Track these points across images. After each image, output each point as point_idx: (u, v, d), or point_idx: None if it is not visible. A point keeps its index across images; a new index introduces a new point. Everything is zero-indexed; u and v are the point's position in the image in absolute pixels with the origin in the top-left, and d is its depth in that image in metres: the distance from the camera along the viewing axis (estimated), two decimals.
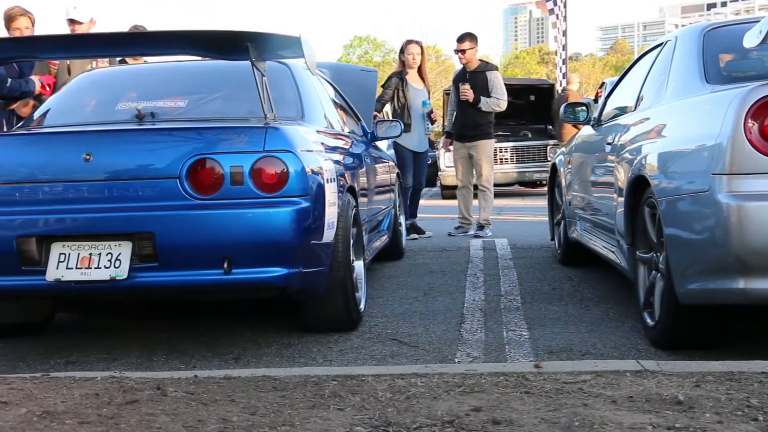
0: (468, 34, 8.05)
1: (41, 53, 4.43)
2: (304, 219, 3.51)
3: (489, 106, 7.83)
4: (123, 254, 3.45)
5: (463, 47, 7.93)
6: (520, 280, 5.44)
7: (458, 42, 7.99)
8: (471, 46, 7.93)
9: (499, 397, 2.42)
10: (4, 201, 3.54)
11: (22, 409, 2.07)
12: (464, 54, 7.93)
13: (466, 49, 7.91)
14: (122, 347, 3.94)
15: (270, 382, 2.64)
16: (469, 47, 7.91)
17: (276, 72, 4.25)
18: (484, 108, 7.82)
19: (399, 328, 4.18)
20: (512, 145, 13.86)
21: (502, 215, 10.28)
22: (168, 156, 3.53)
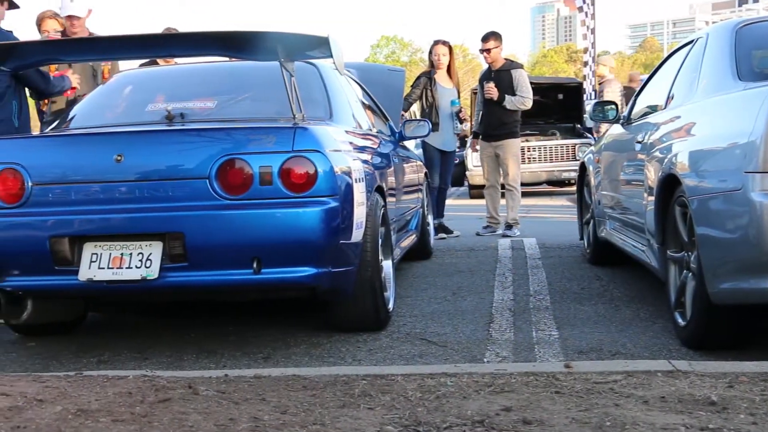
0: (492, 33, 8.03)
1: (74, 55, 4.48)
2: (332, 219, 3.52)
3: (514, 104, 7.80)
4: (154, 254, 3.48)
5: (487, 46, 7.91)
6: (548, 280, 5.41)
7: (483, 41, 7.98)
8: (496, 45, 7.91)
9: (529, 396, 2.41)
10: (38, 201, 3.59)
11: (57, 407, 2.09)
12: (489, 53, 7.91)
13: (490, 48, 7.89)
14: (153, 346, 3.97)
15: (300, 382, 2.65)
16: (493, 46, 7.89)
17: (304, 72, 4.26)
18: (509, 106, 7.79)
19: (427, 327, 4.18)
20: (540, 144, 13.80)
21: (531, 214, 10.23)
22: (197, 156, 3.55)
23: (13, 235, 3.60)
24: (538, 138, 13.94)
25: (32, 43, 4.26)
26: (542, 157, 13.74)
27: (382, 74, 7.30)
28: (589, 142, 13.15)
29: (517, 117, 7.96)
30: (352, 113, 4.75)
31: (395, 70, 7.75)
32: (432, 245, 6.92)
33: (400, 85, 7.29)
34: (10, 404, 2.09)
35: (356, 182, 3.78)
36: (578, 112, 14.55)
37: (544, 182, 14.54)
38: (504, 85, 7.80)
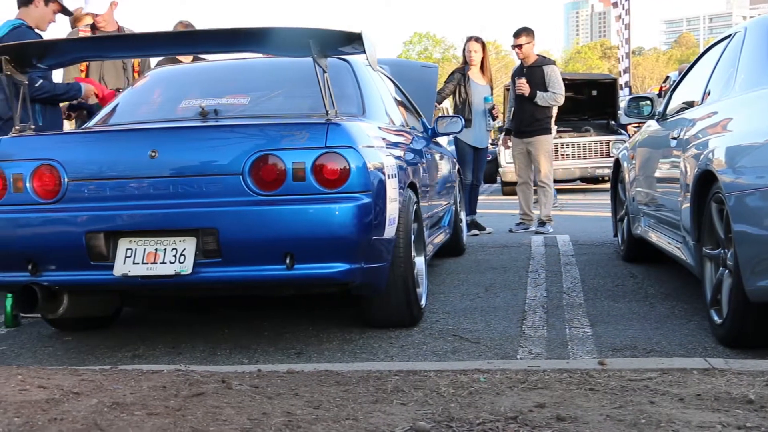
0: (524, 28, 7.98)
1: (104, 52, 4.51)
2: (365, 215, 3.52)
3: (546, 100, 7.75)
4: (187, 250, 3.50)
5: (519, 42, 7.87)
6: (582, 277, 5.37)
7: (515, 37, 7.94)
8: (528, 41, 7.86)
9: (563, 393, 2.39)
10: (74, 197, 3.63)
11: (93, 400, 2.11)
12: (521, 49, 7.87)
13: (522, 44, 7.85)
14: (187, 341, 4.00)
15: (333, 377, 2.66)
16: (525, 42, 7.85)
17: (337, 68, 4.27)
18: (540, 102, 7.74)
19: (460, 324, 4.17)
20: (574, 140, 13.69)
21: (564, 211, 10.17)
22: (231, 152, 3.57)
23: (50, 230, 3.65)
24: (571, 134, 13.84)
25: (62, 41, 4.30)
26: (576, 154, 13.63)
27: (415, 70, 7.28)
28: (623, 138, 13.03)
29: (549, 113, 7.91)
30: (385, 109, 4.74)
31: (428, 66, 7.73)
32: (464, 242, 6.90)
33: (433, 81, 7.27)
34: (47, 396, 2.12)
35: (389, 178, 3.77)
36: (612, 108, 14.41)
37: (578, 179, 14.43)
38: (536, 81, 7.75)
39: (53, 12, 5.39)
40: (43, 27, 5.37)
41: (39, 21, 5.32)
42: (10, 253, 3.66)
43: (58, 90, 5.28)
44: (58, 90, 5.28)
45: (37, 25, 5.30)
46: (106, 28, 5.93)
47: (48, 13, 5.35)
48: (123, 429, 1.83)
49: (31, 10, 5.29)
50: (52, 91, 5.22)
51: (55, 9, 5.39)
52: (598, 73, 27.99)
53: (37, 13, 5.31)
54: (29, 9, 5.29)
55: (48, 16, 5.36)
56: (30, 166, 3.67)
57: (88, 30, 5.98)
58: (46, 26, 5.40)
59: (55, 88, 5.27)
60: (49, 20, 5.41)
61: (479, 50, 8.01)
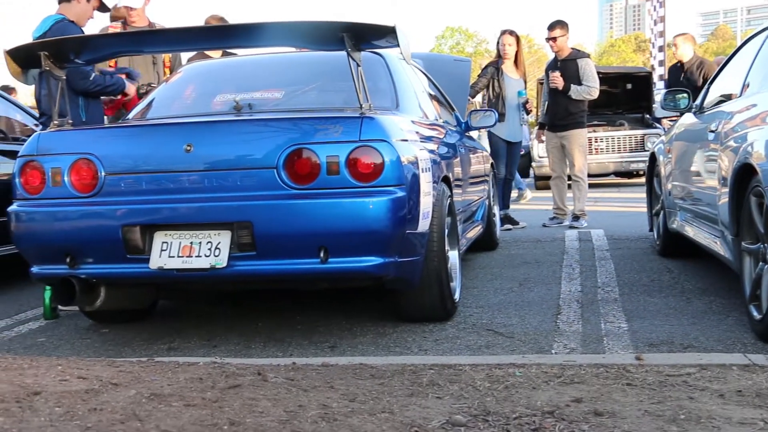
0: (559, 21, 7.92)
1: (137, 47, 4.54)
2: (399, 208, 3.51)
3: (580, 94, 7.68)
4: (222, 243, 3.52)
5: (553, 35, 7.81)
6: (617, 272, 5.33)
7: (549, 30, 7.88)
8: (562, 34, 7.80)
9: (600, 388, 2.37)
10: (110, 191, 3.66)
11: (132, 391, 2.13)
12: (555, 42, 7.81)
13: (557, 37, 7.79)
14: (221, 334, 4.03)
15: (367, 370, 2.66)
16: (560, 35, 7.79)
17: (370, 62, 4.26)
18: (574, 96, 7.68)
19: (494, 318, 4.15)
20: (608, 134, 13.58)
21: (598, 206, 10.09)
22: (265, 146, 3.58)
23: (87, 223, 3.68)
24: (605, 128, 13.73)
25: (99, 36, 4.34)
26: (610, 148, 13.52)
27: (448, 64, 7.27)
28: (658, 132, 12.89)
29: (583, 107, 7.84)
30: (419, 103, 4.73)
31: (461, 60, 7.72)
32: (498, 236, 6.87)
33: (466, 75, 7.25)
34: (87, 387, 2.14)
35: (423, 172, 3.76)
36: (647, 101, 14.27)
37: (612, 173, 14.30)
38: (570, 74, 7.69)
39: (93, 8, 5.45)
40: (83, 23, 5.43)
41: (79, 17, 5.38)
42: (49, 246, 3.71)
43: (107, 83, 5.35)
44: (107, 83, 5.35)
45: (77, 21, 5.37)
46: (137, 23, 5.98)
47: (88, 9, 5.42)
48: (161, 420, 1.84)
49: (73, 5, 5.37)
50: (103, 84, 5.30)
51: (94, 5, 5.46)
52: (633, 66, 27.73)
53: (79, 9, 5.38)
54: (71, 5, 5.36)
55: (88, 13, 5.43)
56: (68, 160, 3.71)
57: (118, 26, 6.04)
58: (85, 22, 5.47)
59: (105, 81, 5.34)
60: (89, 16, 5.48)
61: (513, 44, 7.96)
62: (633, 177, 14.85)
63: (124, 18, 6.11)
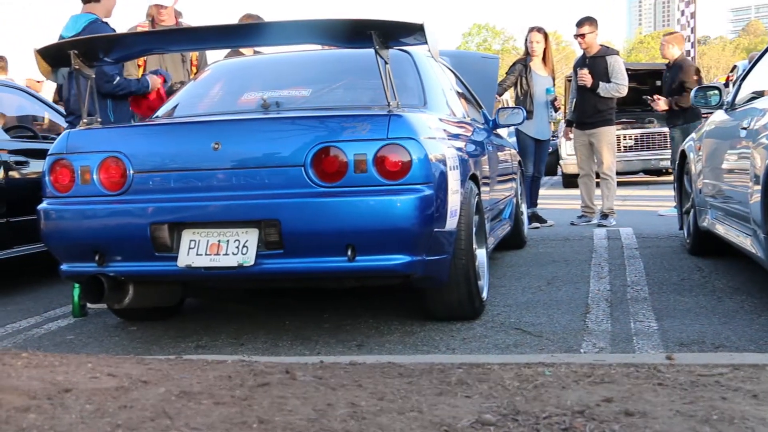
0: (587, 18, 7.87)
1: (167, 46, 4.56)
2: (427, 207, 3.50)
3: (608, 91, 7.62)
4: (250, 241, 3.52)
5: (582, 31, 7.76)
6: (646, 270, 5.28)
7: (577, 26, 7.83)
8: (591, 30, 7.74)
9: (630, 388, 2.34)
10: (139, 189, 3.68)
11: (161, 389, 2.14)
12: (584, 38, 7.76)
13: (585, 33, 7.74)
14: (249, 332, 4.03)
15: (395, 369, 2.64)
16: (588, 31, 7.73)
17: (398, 59, 4.25)
18: (603, 93, 7.62)
19: (522, 317, 4.13)
20: (637, 132, 13.45)
21: (627, 204, 10.01)
22: (293, 144, 3.58)
23: (116, 221, 3.70)
24: (634, 126, 13.60)
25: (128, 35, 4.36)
26: (638, 146, 13.39)
27: (476, 62, 7.23)
28: None
29: (611, 104, 7.78)
30: (446, 101, 4.71)
31: (489, 57, 7.67)
32: (526, 234, 6.84)
33: (494, 72, 7.21)
34: (117, 384, 2.15)
35: (451, 170, 3.75)
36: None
37: (640, 171, 14.18)
38: (598, 71, 7.64)
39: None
40: (110, 15, 5.48)
41: (107, 10, 5.44)
42: (78, 244, 3.73)
43: (131, 86, 5.38)
44: (131, 86, 5.38)
45: (107, 15, 5.42)
46: (166, 22, 6.01)
47: (112, 2, 5.46)
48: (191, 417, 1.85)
49: (101, 3, 5.41)
50: (128, 87, 5.33)
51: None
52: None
53: (106, 4, 5.42)
54: (99, 3, 5.40)
55: (112, 2, 5.47)
56: (97, 158, 3.73)
57: (146, 25, 6.07)
58: (110, 13, 5.51)
59: (130, 84, 5.37)
60: (113, 4, 5.51)
61: (541, 41, 7.92)
62: (662, 175, 14.73)
63: (153, 16, 6.14)
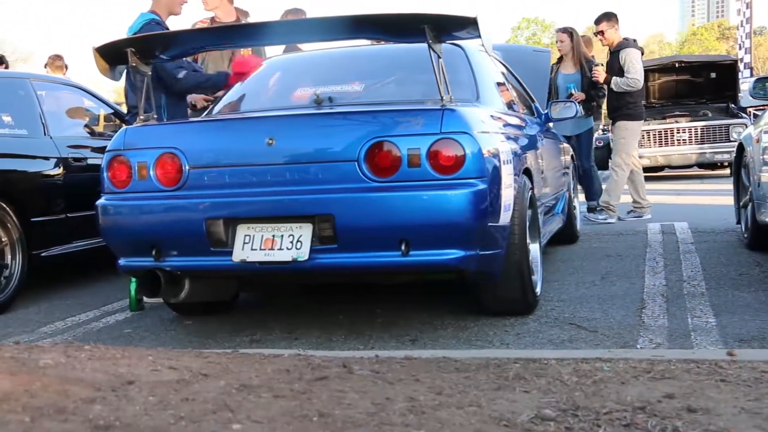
0: (605, 14, 7.79)
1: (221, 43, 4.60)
2: (481, 201, 3.48)
3: (619, 86, 7.52)
4: (304, 236, 3.54)
5: (600, 28, 7.71)
6: (703, 265, 5.19)
7: (596, 24, 7.79)
8: (609, 26, 7.67)
9: (692, 384, 2.31)
10: (194, 185, 3.71)
11: (221, 382, 2.16)
12: (604, 35, 7.69)
13: (604, 30, 7.66)
14: (302, 327, 4.06)
15: (451, 364, 2.64)
16: (607, 27, 7.67)
17: (450, 54, 4.22)
18: (615, 89, 7.54)
19: (576, 312, 4.09)
20: (691, 125, 13.22)
21: (681, 198, 9.86)
22: (346, 139, 3.58)
23: (172, 217, 3.75)
24: (688, 119, 13.38)
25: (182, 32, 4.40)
26: (693, 139, 13.16)
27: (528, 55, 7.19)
28: (744, 122, 12.52)
29: (630, 98, 7.64)
30: (499, 95, 4.68)
31: (541, 50, 7.63)
32: (578, 229, 6.77)
33: (546, 65, 7.16)
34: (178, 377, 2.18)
35: (504, 164, 3.72)
36: (732, 91, 13.85)
37: (695, 165, 13.92)
38: (615, 66, 7.56)
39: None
40: (177, 11, 5.53)
41: (170, 7, 5.49)
42: (135, 239, 3.79)
43: (200, 79, 5.41)
44: (200, 79, 5.41)
45: (171, 11, 5.47)
46: (223, 19, 6.05)
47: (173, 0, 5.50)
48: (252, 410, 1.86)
49: (162, 1, 5.48)
50: (194, 83, 5.37)
51: None
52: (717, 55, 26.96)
53: (163, 1, 5.48)
54: (160, 2, 5.47)
55: (173, 1, 5.51)
56: (153, 154, 3.78)
57: (207, 21, 6.12)
58: (179, 9, 5.56)
59: (197, 80, 5.40)
60: (180, 2, 5.55)
61: (566, 40, 7.96)
62: (716, 168, 14.47)
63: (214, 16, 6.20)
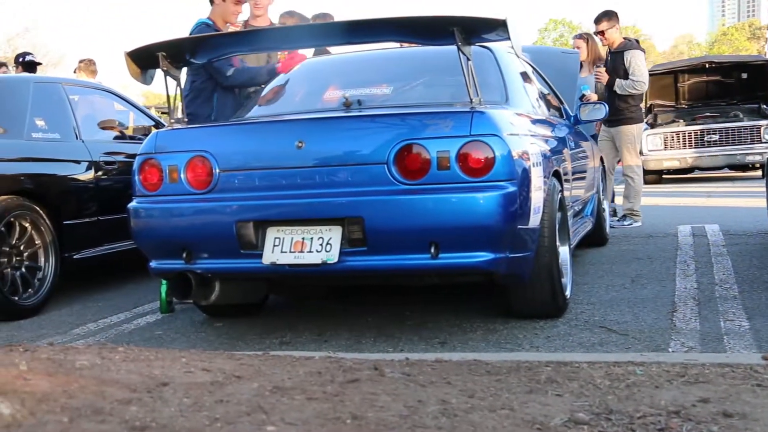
0: (604, 13, 7.64)
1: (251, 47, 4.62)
2: (510, 204, 3.47)
3: (624, 89, 7.38)
4: (333, 239, 3.55)
5: (600, 28, 7.56)
6: (735, 268, 5.13)
7: (595, 24, 7.64)
8: (610, 26, 7.52)
9: (727, 389, 2.29)
10: (224, 187, 3.74)
11: (254, 384, 2.17)
12: (604, 35, 7.56)
13: (604, 30, 7.54)
14: (331, 329, 4.06)
15: (482, 366, 2.63)
16: (607, 27, 7.52)
17: (479, 56, 4.21)
18: (619, 91, 7.38)
19: (606, 315, 4.06)
20: (721, 126, 13.09)
21: (712, 200, 9.77)
22: (375, 142, 3.59)
23: (203, 219, 3.78)
24: (718, 120, 13.25)
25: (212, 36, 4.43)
26: (723, 141, 13.02)
27: (556, 57, 7.14)
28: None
29: (633, 102, 7.52)
30: (528, 97, 4.67)
31: (569, 52, 7.57)
32: (607, 231, 6.73)
33: (575, 67, 7.10)
34: (212, 379, 2.19)
35: (534, 167, 3.71)
36: (764, 91, 13.68)
37: (725, 167, 13.78)
38: (618, 67, 7.41)
39: (233, 3, 5.57)
40: (231, 20, 5.60)
41: (224, 16, 5.56)
42: (166, 241, 3.82)
43: (250, 74, 5.45)
44: (250, 74, 5.45)
45: (225, 20, 5.54)
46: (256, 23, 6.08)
47: (228, 6, 5.56)
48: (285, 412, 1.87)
49: (214, 7, 5.57)
50: (242, 79, 5.41)
51: (233, 1, 5.58)
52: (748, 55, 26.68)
53: (219, 10, 5.57)
54: (213, 7, 5.57)
55: (230, 9, 5.57)
56: (184, 157, 3.80)
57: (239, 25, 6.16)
58: (233, 18, 5.62)
59: (248, 73, 5.44)
60: (233, 12, 5.60)
61: (582, 46, 7.91)
62: (747, 170, 14.31)
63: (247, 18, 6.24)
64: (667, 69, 14.64)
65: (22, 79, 5.93)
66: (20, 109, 5.17)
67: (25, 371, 2.04)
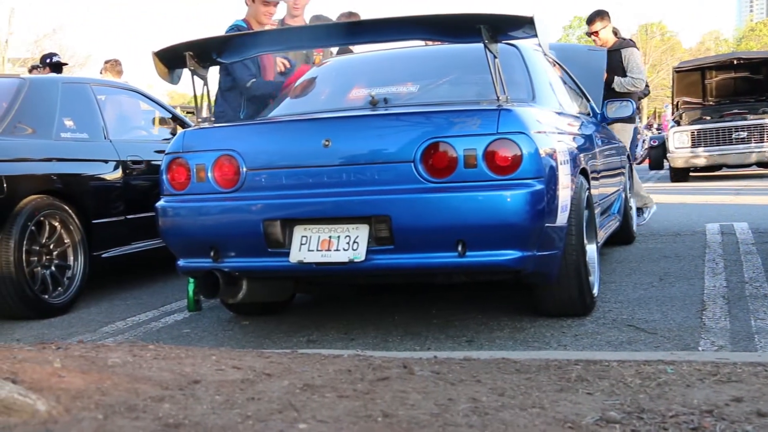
0: (597, 13, 7.58)
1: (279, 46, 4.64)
2: (538, 202, 3.46)
3: (623, 86, 7.33)
4: (360, 237, 3.55)
5: (594, 29, 7.52)
6: (765, 266, 5.08)
7: (588, 24, 7.59)
8: (603, 26, 7.47)
9: (761, 388, 2.26)
10: (252, 186, 3.75)
11: (285, 381, 2.18)
12: (598, 36, 7.50)
13: (598, 30, 7.48)
14: (358, 327, 4.07)
15: (511, 365, 2.63)
16: (600, 27, 7.47)
17: (506, 53, 4.19)
18: (618, 89, 7.32)
19: (634, 314, 4.03)
20: (749, 123, 12.96)
21: (741, 198, 9.67)
22: (402, 140, 3.59)
23: (230, 218, 3.79)
24: (746, 117, 13.11)
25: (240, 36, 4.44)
26: (752, 137, 12.88)
27: (583, 54, 7.10)
28: None
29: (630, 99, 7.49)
30: (555, 94, 4.65)
31: (596, 49, 7.52)
32: (635, 229, 6.69)
33: (601, 65, 7.05)
34: (242, 377, 2.20)
35: (561, 164, 3.70)
36: None
37: (754, 164, 13.64)
38: (615, 65, 7.35)
39: (262, 4, 5.61)
40: (264, 21, 5.64)
41: (256, 17, 5.61)
42: (194, 240, 3.84)
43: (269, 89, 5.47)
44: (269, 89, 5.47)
45: (259, 21, 5.58)
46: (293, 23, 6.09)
47: (258, 7, 5.60)
48: (316, 410, 1.88)
49: (249, 8, 5.63)
50: (263, 90, 5.44)
51: (262, 1, 5.62)
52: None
53: (251, 11, 5.63)
54: (248, 8, 5.62)
55: (260, 9, 5.61)
56: (211, 156, 3.82)
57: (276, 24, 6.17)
58: (266, 19, 5.66)
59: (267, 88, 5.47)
60: (263, 12, 5.64)
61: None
62: None
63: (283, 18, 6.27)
64: (694, 66, 14.53)
65: (51, 79, 5.98)
66: (49, 109, 5.22)
67: (59, 368, 2.06)
